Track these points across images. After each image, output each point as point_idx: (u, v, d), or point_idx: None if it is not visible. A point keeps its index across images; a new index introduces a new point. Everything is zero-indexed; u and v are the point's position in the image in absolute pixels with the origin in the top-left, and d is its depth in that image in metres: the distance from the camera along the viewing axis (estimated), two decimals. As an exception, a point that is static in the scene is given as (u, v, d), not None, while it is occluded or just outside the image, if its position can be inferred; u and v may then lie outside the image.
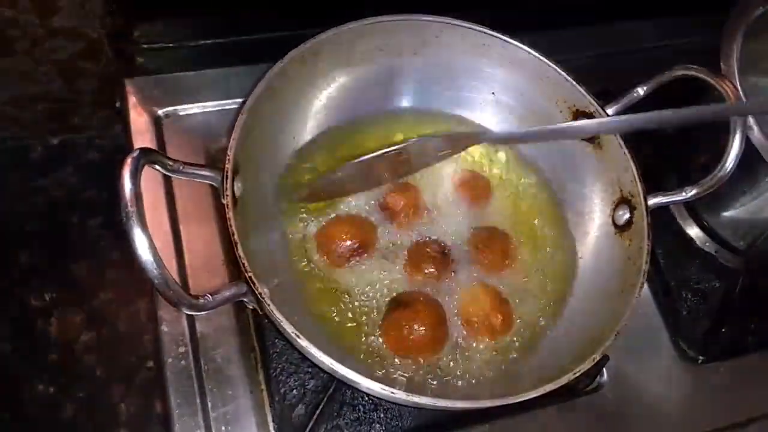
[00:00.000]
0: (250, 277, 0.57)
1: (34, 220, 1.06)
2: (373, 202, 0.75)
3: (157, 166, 0.56)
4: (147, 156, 0.53)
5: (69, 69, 0.97)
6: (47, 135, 1.11)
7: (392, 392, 0.55)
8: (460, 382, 0.66)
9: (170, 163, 0.57)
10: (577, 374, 0.59)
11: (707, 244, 0.88)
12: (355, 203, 0.75)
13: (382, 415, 0.71)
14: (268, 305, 0.56)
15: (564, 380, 0.58)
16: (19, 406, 0.95)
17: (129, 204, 0.49)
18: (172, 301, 0.51)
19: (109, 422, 0.97)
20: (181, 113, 0.85)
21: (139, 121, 0.83)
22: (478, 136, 0.79)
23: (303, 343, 0.55)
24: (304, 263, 0.71)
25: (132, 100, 0.84)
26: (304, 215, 0.73)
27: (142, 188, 0.76)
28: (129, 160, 0.51)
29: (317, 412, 0.69)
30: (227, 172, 0.60)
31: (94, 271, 1.05)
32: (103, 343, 1.00)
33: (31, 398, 0.96)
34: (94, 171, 1.10)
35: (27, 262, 1.04)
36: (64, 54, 0.95)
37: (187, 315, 0.74)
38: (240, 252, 0.57)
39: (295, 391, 0.70)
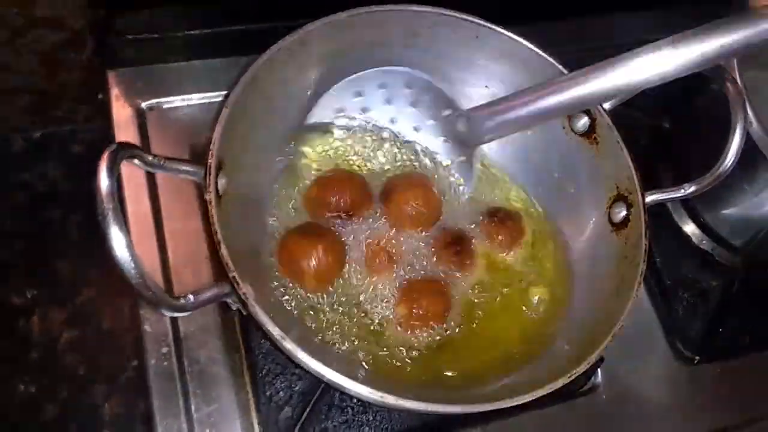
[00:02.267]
0: (233, 277, 0.54)
1: (14, 216, 1.03)
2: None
3: (137, 161, 0.54)
4: (125, 151, 0.51)
5: (51, 60, 0.95)
6: (29, 128, 1.08)
7: (381, 396, 0.53)
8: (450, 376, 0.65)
9: (150, 158, 0.55)
10: (572, 377, 0.57)
11: (704, 241, 0.86)
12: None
13: (371, 418, 0.69)
14: (253, 306, 0.54)
15: (559, 384, 0.56)
16: (0, 407, 0.93)
17: (106, 201, 0.47)
18: (151, 302, 0.49)
19: (92, 423, 0.94)
20: (165, 106, 0.82)
21: (122, 114, 0.80)
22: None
23: (288, 345, 0.53)
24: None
25: (114, 92, 0.82)
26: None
27: (124, 182, 0.76)
28: (106, 155, 0.49)
29: (305, 414, 0.67)
30: (210, 167, 0.58)
31: (77, 268, 1.02)
32: (86, 342, 0.97)
33: (11, 399, 0.94)
34: (78, 165, 1.07)
35: (7, 258, 1.01)
36: (46, 44, 0.92)
37: (170, 314, 0.71)
38: (223, 251, 0.55)
39: (282, 393, 0.68)
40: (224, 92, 0.83)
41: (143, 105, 0.81)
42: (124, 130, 0.79)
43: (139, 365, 0.76)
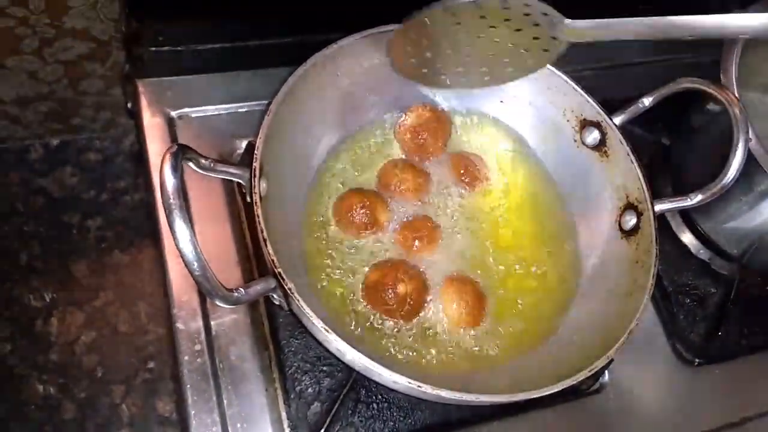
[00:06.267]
0: (279, 272, 0.58)
1: (33, 221, 1.06)
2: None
3: (191, 164, 0.57)
4: (185, 151, 0.54)
5: (75, 70, 0.98)
6: (47, 135, 1.11)
7: (419, 386, 0.57)
8: (476, 376, 0.68)
9: (203, 160, 0.58)
10: (593, 371, 0.61)
11: (701, 251, 0.90)
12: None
13: (395, 413, 0.72)
14: (297, 300, 0.57)
15: (581, 376, 0.60)
16: (19, 406, 0.95)
17: (172, 197, 0.50)
18: (210, 293, 0.52)
19: (110, 423, 0.97)
20: (193, 115, 0.86)
21: (152, 122, 0.83)
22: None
23: (331, 337, 0.57)
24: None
25: (144, 101, 0.85)
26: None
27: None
28: (169, 155, 0.52)
29: (333, 410, 0.70)
30: (255, 170, 0.62)
31: (94, 271, 1.05)
32: (103, 344, 1.00)
33: (31, 399, 0.96)
34: (94, 172, 1.11)
35: (26, 262, 1.04)
36: (72, 55, 0.95)
37: (203, 312, 0.74)
38: (269, 249, 0.59)
39: (310, 389, 0.71)
40: (250, 102, 0.87)
41: (173, 114, 0.84)
42: (155, 137, 0.82)
43: (161, 365, 0.79)
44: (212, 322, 0.74)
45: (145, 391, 0.99)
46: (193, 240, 0.50)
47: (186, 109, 0.85)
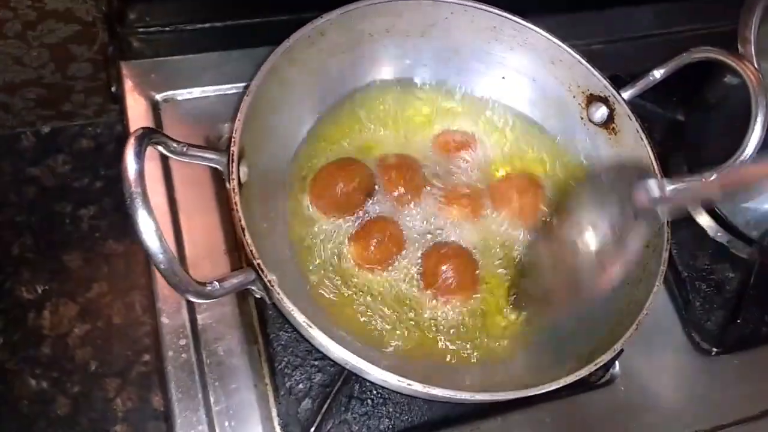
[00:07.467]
0: (258, 264, 0.54)
1: (25, 211, 1.04)
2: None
3: (161, 148, 0.54)
4: (151, 136, 0.51)
5: (61, 53, 0.95)
6: (38, 123, 1.08)
7: (408, 384, 0.53)
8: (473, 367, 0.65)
9: (174, 144, 0.54)
10: (599, 365, 0.57)
11: (719, 234, 0.86)
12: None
13: (391, 410, 0.69)
14: (278, 293, 0.54)
15: (585, 371, 0.57)
16: (11, 401, 0.93)
17: (134, 185, 0.46)
18: (178, 288, 0.49)
19: (104, 417, 0.95)
20: (179, 98, 0.82)
21: (136, 106, 0.80)
22: None
23: (314, 333, 0.53)
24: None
25: (128, 84, 0.81)
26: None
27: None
28: (132, 140, 0.49)
29: (325, 406, 0.66)
30: (233, 155, 0.58)
31: (87, 262, 1.02)
32: (97, 337, 0.97)
33: (23, 393, 0.94)
34: (87, 159, 1.08)
35: (18, 253, 1.01)
36: (57, 38, 0.92)
37: (188, 306, 0.71)
38: (247, 238, 0.55)
39: (301, 384, 0.68)
40: (237, 84, 0.83)
41: (158, 97, 0.81)
42: (139, 122, 0.79)
43: (152, 359, 0.76)
44: (198, 316, 0.71)
45: (140, 384, 0.97)
46: (158, 231, 0.47)
47: (171, 92, 0.82)
